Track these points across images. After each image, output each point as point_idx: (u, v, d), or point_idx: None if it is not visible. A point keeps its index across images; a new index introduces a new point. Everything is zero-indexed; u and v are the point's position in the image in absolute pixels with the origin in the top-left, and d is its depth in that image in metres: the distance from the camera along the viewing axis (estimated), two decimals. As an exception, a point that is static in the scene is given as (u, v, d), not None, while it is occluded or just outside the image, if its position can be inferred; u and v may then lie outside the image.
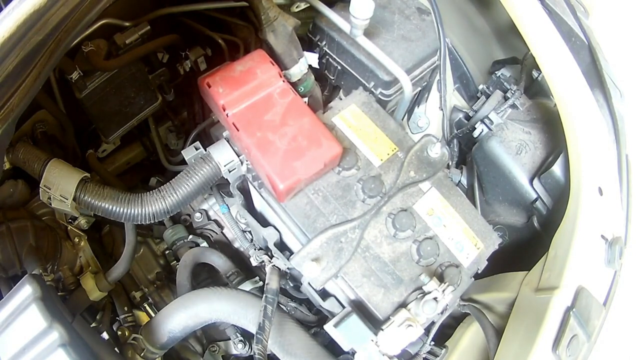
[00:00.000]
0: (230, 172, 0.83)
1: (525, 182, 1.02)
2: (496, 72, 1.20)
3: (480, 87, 1.20)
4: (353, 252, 0.74)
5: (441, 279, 0.75)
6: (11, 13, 0.48)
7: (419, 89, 1.15)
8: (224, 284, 1.04)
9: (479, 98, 1.19)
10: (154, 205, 0.82)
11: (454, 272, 0.76)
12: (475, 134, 1.09)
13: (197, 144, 0.89)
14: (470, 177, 1.17)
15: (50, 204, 0.83)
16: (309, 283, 0.75)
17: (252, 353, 0.90)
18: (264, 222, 0.87)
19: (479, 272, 0.81)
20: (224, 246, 1.16)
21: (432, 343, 0.85)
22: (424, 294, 0.71)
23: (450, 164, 1.18)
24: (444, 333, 1.01)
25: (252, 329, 0.80)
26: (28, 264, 0.87)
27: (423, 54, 1.03)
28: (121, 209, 0.82)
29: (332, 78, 1.12)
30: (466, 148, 1.21)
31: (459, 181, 1.18)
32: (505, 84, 1.14)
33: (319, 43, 1.07)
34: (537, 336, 0.74)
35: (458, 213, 0.82)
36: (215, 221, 1.16)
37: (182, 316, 0.86)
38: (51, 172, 0.83)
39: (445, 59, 1.05)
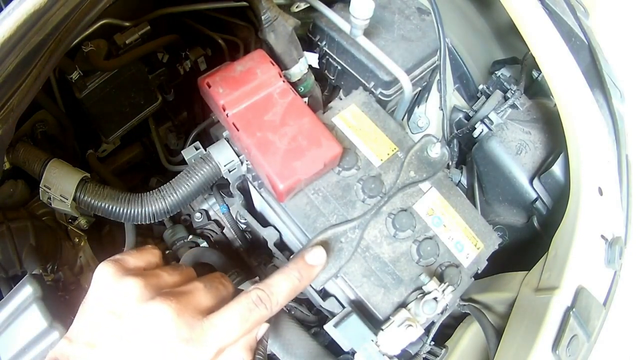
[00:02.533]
0: (230, 172, 0.83)
1: (525, 182, 1.02)
2: (496, 72, 1.20)
3: (480, 87, 1.20)
4: (353, 252, 0.74)
5: (441, 279, 0.75)
6: (11, 13, 0.48)
7: (419, 89, 1.15)
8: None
9: (479, 98, 1.19)
10: (154, 205, 0.82)
11: (454, 272, 0.76)
12: (475, 134, 1.09)
13: (197, 144, 0.89)
14: (470, 177, 1.17)
15: (50, 204, 0.83)
16: (309, 283, 0.75)
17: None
18: (264, 222, 0.87)
19: (479, 272, 0.81)
20: (224, 246, 1.16)
21: (432, 343, 0.85)
22: (424, 294, 0.71)
23: (450, 164, 1.18)
24: (444, 333, 1.01)
25: (252, 329, 0.80)
26: (28, 264, 0.87)
27: (423, 54, 1.03)
28: (121, 209, 0.82)
29: (332, 78, 1.12)
30: (466, 148, 1.21)
31: (459, 181, 1.18)
32: (505, 84, 1.14)
33: (319, 43, 1.07)
34: (537, 336, 0.74)
35: (458, 213, 0.82)
36: (216, 221, 1.16)
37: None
38: (51, 172, 0.83)
39: (445, 59, 1.05)
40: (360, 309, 0.74)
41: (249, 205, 0.92)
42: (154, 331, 0.49)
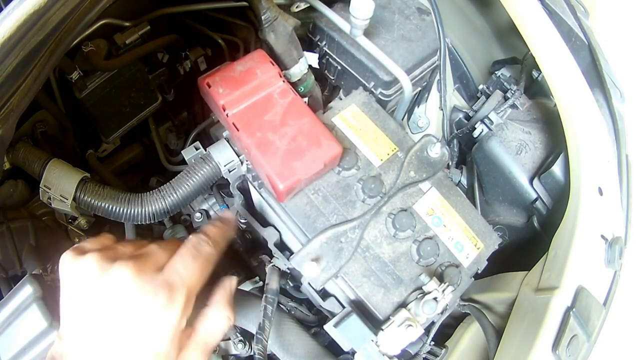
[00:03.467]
0: (230, 172, 0.83)
1: (525, 182, 1.02)
2: (496, 72, 1.20)
3: (480, 87, 1.20)
4: (353, 252, 0.74)
5: (441, 279, 0.75)
6: (11, 13, 0.48)
7: (419, 89, 1.15)
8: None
9: (479, 98, 1.19)
10: (154, 205, 0.82)
11: (454, 272, 0.76)
12: (475, 134, 1.09)
13: (197, 144, 0.89)
14: (470, 177, 1.17)
15: (50, 204, 0.83)
16: (309, 283, 0.75)
17: (252, 353, 0.90)
18: (264, 222, 0.87)
19: (479, 272, 0.81)
20: (224, 246, 1.16)
21: (432, 343, 0.85)
22: (424, 294, 0.71)
23: (450, 164, 1.18)
24: (444, 333, 1.01)
25: (252, 328, 0.80)
26: (28, 264, 0.87)
27: (423, 54, 1.03)
28: (121, 209, 0.82)
29: (332, 78, 1.12)
30: (466, 148, 1.21)
31: (459, 181, 1.18)
32: (505, 84, 1.14)
33: (319, 43, 1.07)
34: (537, 336, 0.74)
35: (458, 213, 0.82)
36: (216, 221, 1.16)
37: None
38: (51, 172, 0.83)
39: (445, 59, 1.05)
40: (360, 309, 0.74)
41: (249, 205, 0.92)
42: (120, 296, 0.50)
